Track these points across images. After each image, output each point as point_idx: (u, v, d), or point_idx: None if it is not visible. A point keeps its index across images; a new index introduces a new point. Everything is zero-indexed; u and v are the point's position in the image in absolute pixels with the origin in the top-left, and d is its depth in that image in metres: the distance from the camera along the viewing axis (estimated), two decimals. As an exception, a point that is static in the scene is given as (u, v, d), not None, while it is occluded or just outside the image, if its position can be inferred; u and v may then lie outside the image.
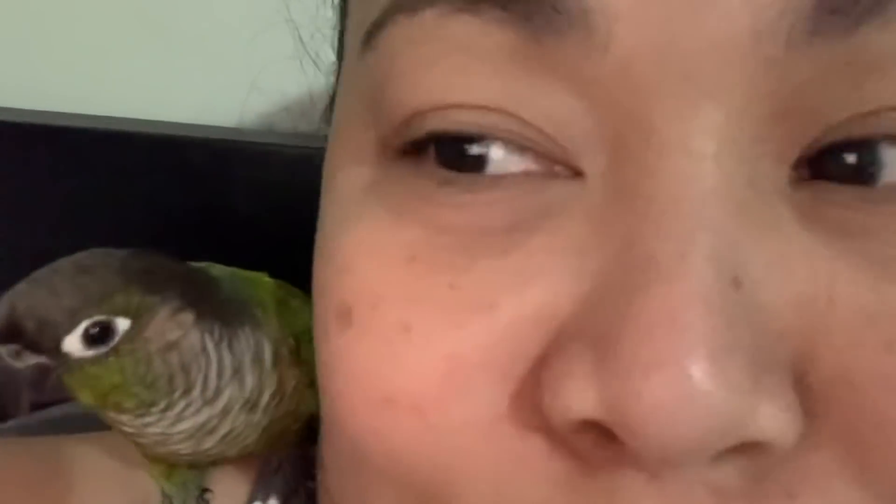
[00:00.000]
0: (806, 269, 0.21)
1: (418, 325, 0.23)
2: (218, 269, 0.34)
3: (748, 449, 0.20)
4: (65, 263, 0.29)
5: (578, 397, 0.20)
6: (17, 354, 0.28)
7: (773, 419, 0.20)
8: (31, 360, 0.28)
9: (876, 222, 0.21)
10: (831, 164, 0.21)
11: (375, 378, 0.23)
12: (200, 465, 0.37)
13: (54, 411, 0.39)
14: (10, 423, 0.40)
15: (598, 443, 0.21)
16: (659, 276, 0.20)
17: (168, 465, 0.36)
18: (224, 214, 0.51)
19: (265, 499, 0.38)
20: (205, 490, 0.38)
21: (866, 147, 0.21)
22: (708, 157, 0.20)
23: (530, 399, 0.22)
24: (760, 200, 0.21)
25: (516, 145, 0.22)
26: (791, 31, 0.20)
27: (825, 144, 0.21)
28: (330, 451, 0.28)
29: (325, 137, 0.28)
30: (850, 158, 0.21)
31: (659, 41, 0.20)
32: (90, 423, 0.36)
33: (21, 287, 0.28)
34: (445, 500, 0.23)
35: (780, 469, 0.21)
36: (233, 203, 0.50)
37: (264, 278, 0.36)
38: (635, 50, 0.20)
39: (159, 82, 0.56)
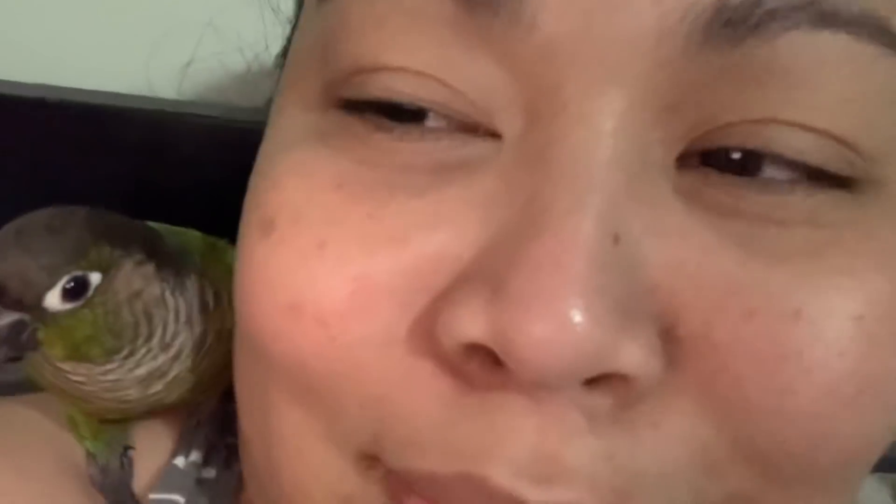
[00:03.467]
0: (680, 237, 0.23)
1: (333, 244, 0.24)
2: (155, 224, 0.36)
3: (616, 380, 0.23)
4: (30, 224, 0.30)
5: (469, 323, 0.22)
6: (-4, 313, 0.29)
7: (634, 355, 0.22)
8: (9, 317, 0.29)
9: (749, 208, 0.23)
10: (719, 159, 0.24)
11: (286, 285, 0.25)
12: (133, 416, 0.38)
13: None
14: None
15: (484, 367, 0.23)
16: (549, 226, 0.22)
17: (97, 420, 0.37)
18: (162, 187, 0.50)
19: (187, 454, 0.39)
20: (127, 448, 0.39)
21: (749, 151, 0.23)
22: (607, 133, 0.23)
23: (427, 328, 0.24)
24: (647, 176, 0.23)
25: (443, 115, 0.25)
26: (688, 37, 0.22)
27: (716, 145, 0.23)
28: (239, 360, 0.30)
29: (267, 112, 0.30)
30: (736, 155, 0.23)
31: (577, 30, 0.22)
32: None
33: (-10, 249, 0.29)
34: (332, 403, 0.25)
35: (647, 403, 0.23)
36: (171, 176, 0.50)
37: (190, 230, 0.38)
38: (556, 35, 0.23)
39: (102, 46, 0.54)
